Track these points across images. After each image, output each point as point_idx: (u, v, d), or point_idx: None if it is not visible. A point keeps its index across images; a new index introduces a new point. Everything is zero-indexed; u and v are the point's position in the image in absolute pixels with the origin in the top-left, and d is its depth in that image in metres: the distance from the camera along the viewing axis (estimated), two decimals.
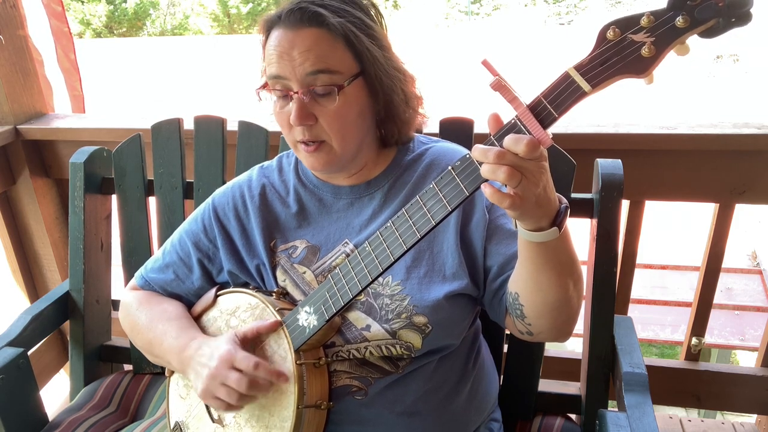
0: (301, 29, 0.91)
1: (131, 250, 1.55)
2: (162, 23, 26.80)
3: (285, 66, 0.91)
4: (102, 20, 25.60)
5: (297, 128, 0.94)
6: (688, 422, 1.88)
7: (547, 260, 0.85)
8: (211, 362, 0.95)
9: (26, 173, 1.93)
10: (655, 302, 3.26)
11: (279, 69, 0.92)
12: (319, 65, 0.90)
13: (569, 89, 0.70)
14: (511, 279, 0.96)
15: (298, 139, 0.96)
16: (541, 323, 0.95)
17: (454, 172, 0.78)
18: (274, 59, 0.92)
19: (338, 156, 0.97)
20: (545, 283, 0.88)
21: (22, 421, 1.31)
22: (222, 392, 0.93)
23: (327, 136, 0.95)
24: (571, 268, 0.89)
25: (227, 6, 25.34)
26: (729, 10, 0.63)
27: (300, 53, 0.90)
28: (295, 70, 0.91)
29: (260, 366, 0.91)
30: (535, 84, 0.91)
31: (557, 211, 0.81)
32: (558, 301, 0.90)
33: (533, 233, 0.81)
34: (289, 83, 0.93)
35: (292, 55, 0.91)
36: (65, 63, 2.14)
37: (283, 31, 0.92)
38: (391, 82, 0.97)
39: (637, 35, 0.68)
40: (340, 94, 0.92)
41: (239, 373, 0.92)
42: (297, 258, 1.06)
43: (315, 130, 0.94)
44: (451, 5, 26.72)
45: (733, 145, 1.49)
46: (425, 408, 1.01)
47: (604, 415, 1.06)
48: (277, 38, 0.92)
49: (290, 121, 0.93)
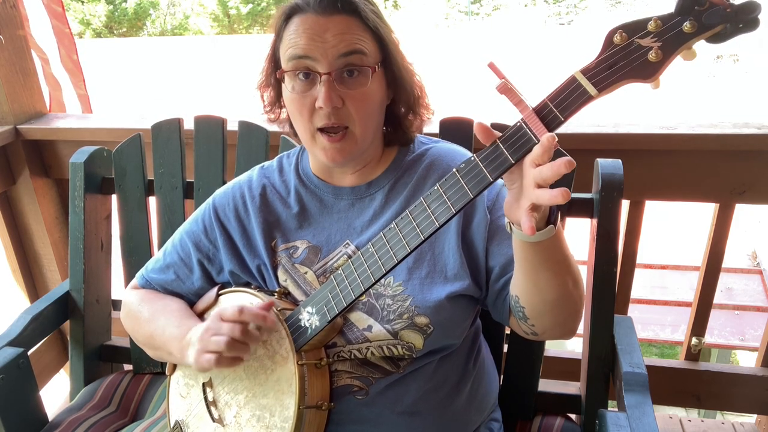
0: (334, 14, 0.92)
1: (131, 250, 1.55)
2: (162, 23, 26.80)
3: (315, 47, 0.91)
4: (102, 20, 25.60)
5: (321, 113, 0.93)
6: (688, 422, 1.88)
7: (543, 260, 0.86)
8: (202, 328, 0.96)
9: (26, 173, 1.92)
10: (655, 302, 3.26)
11: (307, 49, 0.92)
12: (353, 46, 0.92)
13: (575, 93, 0.70)
14: (511, 283, 0.96)
15: (319, 126, 0.95)
16: (544, 322, 0.95)
17: (458, 174, 0.78)
18: (302, 40, 0.92)
19: (358, 145, 0.97)
20: (543, 282, 0.88)
21: (22, 421, 1.31)
22: (213, 343, 0.93)
23: (352, 121, 0.95)
24: (567, 266, 0.89)
25: (227, 6, 25.34)
26: (737, 16, 0.63)
27: (334, 35, 0.91)
28: (327, 52, 0.91)
29: (245, 310, 0.92)
30: (535, 84, 0.91)
31: (550, 209, 0.81)
32: (557, 299, 0.91)
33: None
34: (315, 64, 0.92)
35: (325, 37, 0.91)
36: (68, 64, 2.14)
37: (312, 16, 0.92)
38: (408, 77, 1.01)
39: (644, 40, 0.68)
40: (373, 76, 0.94)
41: (230, 324, 0.92)
42: (298, 258, 1.06)
43: (341, 114, 0.94)
44: (451, 5, 26.73)
45: (733, 145, 1.50)
46: (426, 408, 1.02)
47: (604, 415, 1.06)
48: (305, 22, 0.92)
49: (318, 104, 0.92)
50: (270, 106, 1.07)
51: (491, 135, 0.76)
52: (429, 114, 1.09)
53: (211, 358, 0.92)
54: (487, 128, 0.76)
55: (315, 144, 0.98)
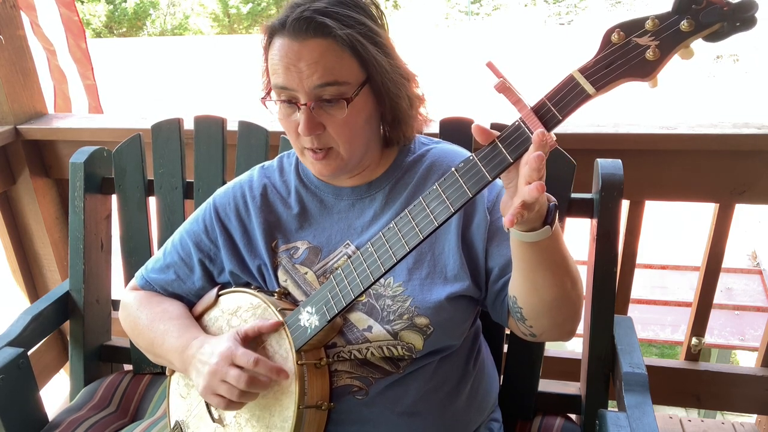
0: (307, 40, 0.90)
1: (131, 250, 1.55)
2: (162, 23, 26.81)
3: (292, 78, 0.91)
4: (102, 20, 25.61)
5: (305, 137, 0.94)
6: (688, 422, 1.88)
7: (541, 260, 0.86)
8: (212, 359, 0.95)
9: (26, 173, 1.92)
10: (655, 302, 3.26)
11: (286, 80, 0.92)
12: (327, 78, 0.90)
13: (573, 92, 0.71)
14: (509, 283, 0.96)
15: (306, 146, 0.97)
16: (542, 323, 0.95)
17: (457, 173, 0.78)
18: (281, 70, 0.92)
19: (345, 161, 0.98)
20: (540, 282, 0.88)
21: (22, 421, 1.31)
22: (222, 389, 0.93)
23: (335, 143, 0.95)
24: (565, 267, 0.89)
25: (227, 6, 25.34)
26: (734, 14, 0.64)
27: (308, 65, 0.90)
28: (302, 82, 0.90)
29: (260, 362, 0.91)
30: (535, 84, 0.91)
31: (547, 209, 0.81)
32: (555, 299, 0.91)
33: (526, 233, 0.82)
34: (296, 94, 0.92)
35: (300, 67, 0.90)
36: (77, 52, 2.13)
37: (288, 41, 0.91)
38: (396, 88, 0.97)
39: (642, 38, 0.68)
40: (349, 105, 0.92)
41: (239, 370, 0.92)
42: (298, 258, 1.06)
43: (323, 138, 0.95)
44: (451, 5, 26.74)
45: (733, 145, 1.49)
46: (426, 408, 1.02)
47: (604, 415, 1.06)
48: (283, 48, 0.91)
49: (299, 131, 0.93)
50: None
51: (489, 135, 0.76)
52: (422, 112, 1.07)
53: (219, 402, 0.95)
54: (484, 129, 0.76)
55: (305, 159, 1.00)
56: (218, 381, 0.93)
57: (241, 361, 0.92)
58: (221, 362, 0.93)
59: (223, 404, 0.95)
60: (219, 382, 0.93)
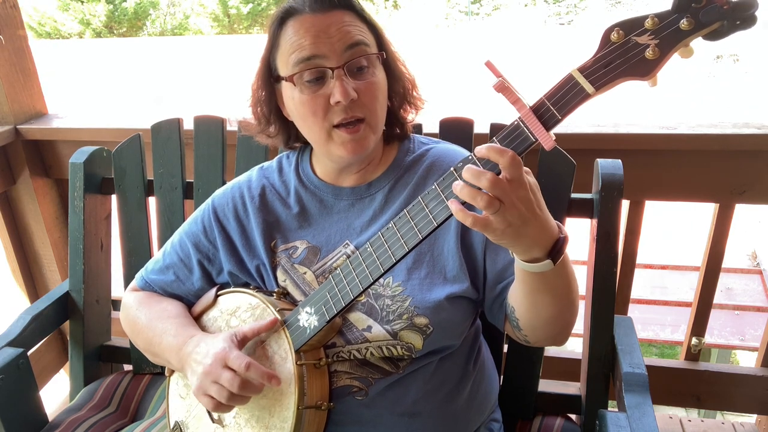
0: (332, 11, 0.94)
1: (131, 250, 1.55)
2: (162, 23, 26.81)
3: (322, 44, 0.92)
4: (102, 20, 25.62)
5: (336, 109, 0.93)
6: (688, 422, 1.88)
7: (542, 287, 0.86)
8: (206, 360, 0.94)
9: (26, 173, 1.92)
10: (655, 302, 3.26)
11: (315, 49, 0.92)
12: (357, 37, 0.94)
13: (573, 91, 0.70)
14: (509, 291, 0.96)
15: (336, 122, 0.95)
16: (537, 335, 0.97)
17: (456, 173, 0.78)
18: (306, 41, 0.92)
19: (373, 136, 0.98)
20: (540, 304, 0.89)
21: (22, 421, 1.30)
22: (213, 390, 0.93)
23: (366, 112, 0.95)
24: (566, 292, 0.89)
25: (227, 6, 25.35)
26: (734, 13, 0.63)
27: (338, 29, 0.93)
28: (334, 46, 0.92)
29: (252, 367, 0.90)
30: (535, 84, 0.91)
31: (555, 241, 0.80)
32: (553, 317, 0.92)
33: (527, 264, 0.82)
34: (324, 62, 0.92)
35: (330, 33, 0.92)
36: None
37: (310, 16, 0.93)
38: (399, 70, 1.03)
39: (641, 37, 0.68)
40: (377, 68, 0.96)
41: (232, 373, 0.91)
42: (297, 258, 1.06)
43: (354, 107, 0.94)
44: (451, 5, 26.75)
45: (733, 145, 1.49)
46: (425, 408, 1.01)
47: (604, 415, 1.06)
48: (306, 23, 0.93)
49: (334, 99, 0.92)
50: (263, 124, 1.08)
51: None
52: (421, 104, 1.09)
53: (210, 402, 0.94)
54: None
55: (331, 141, 0.97)
56: (210, 382, 0.93)
57: (234, 364, 0.91)
58: (215, 363, 0.93)
59: (212, 405, 0.94)
60: (211, 383, 0.93)
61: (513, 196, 0.72)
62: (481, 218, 0.73)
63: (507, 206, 0.72)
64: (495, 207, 0.72)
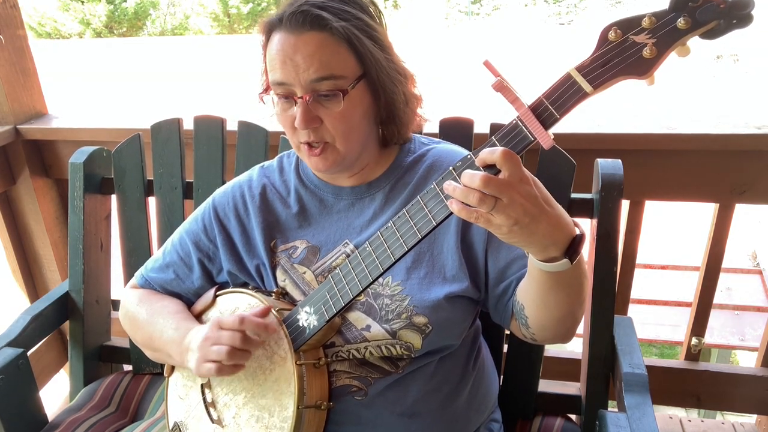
0: (303, 33, 0.90)
1: (131, 250, 1.55)
2: (162, 23, 26.82)
3: (289, 72, 0.91)
4: (102, 20, 25.62)
5: (302, 131, 0.94)
6: (688, 422, 1.88)
7: (556, 285, 0.86)
8: (202, 332, 0.97)
9: (26, 173, 1.93)
10: (655, 302, 3.26)
11: (283, 75, 0.92)
12: (323, 72, 0.90)
13: (570, 90, 0.70)
14: (519, 288, 0.96)
15: (302, 141, 0.96)
16: (546, 333, 0.97)
17: (455, 172, 0.78)
18: (278, 65, 0.92)
19: (342, 156, 0.97)
20: (552, 303, 0.89)
21: (22, 421, 1.31)
22: (213, 352, 0.93)
23: (331, 138, 0.95)
24: (579, 291, 0.89)
25: (227, 6, 25.35)
26: (730, 12, 0.64)
27: (304, 58, 0.90)
28: (299, 76, 0.90)
29: (246, 320, 0.92)
30: (535, 84, 0.91)
31: (571, 239, 0.80)
32: (563, 317, 0.92)
33: (544, 263, 0.81)
34: (293, 88, 0.92)
35: (296, 61, 0.90)
36: None
37: (285, 35, 0.91)
38: (392, 84, 0.97)
39: (639, 36, 0.68)
40: (345, 98, 0.92)
41: (229, 331, 0.93)
42: (297, 258, 1.06)
43: (320, 132, 0.94)
44: (451, 5, 26.75)
45: (733, 145, 1.49)
46: (425, 408, 1.01)
47: (604, 415, 1.06)
48: (280, 42, 0.92)
49: (295, 124, 0.93)
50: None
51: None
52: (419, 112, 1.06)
53: (211, 367, 0.93)
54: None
55: (302, 154, 1.00)
56: (209, 345, 0.94)
57: (227, 323, 0.93)
58: (212, 329, 0.95)
59: (215, 369, 0.94)
60: (210, 347, 0.94)
61: (513, 192, 0.72)
62: (483, 214, 0.73)
63: (508, 203, 0.72)
64: (490, 204, 0.72)
